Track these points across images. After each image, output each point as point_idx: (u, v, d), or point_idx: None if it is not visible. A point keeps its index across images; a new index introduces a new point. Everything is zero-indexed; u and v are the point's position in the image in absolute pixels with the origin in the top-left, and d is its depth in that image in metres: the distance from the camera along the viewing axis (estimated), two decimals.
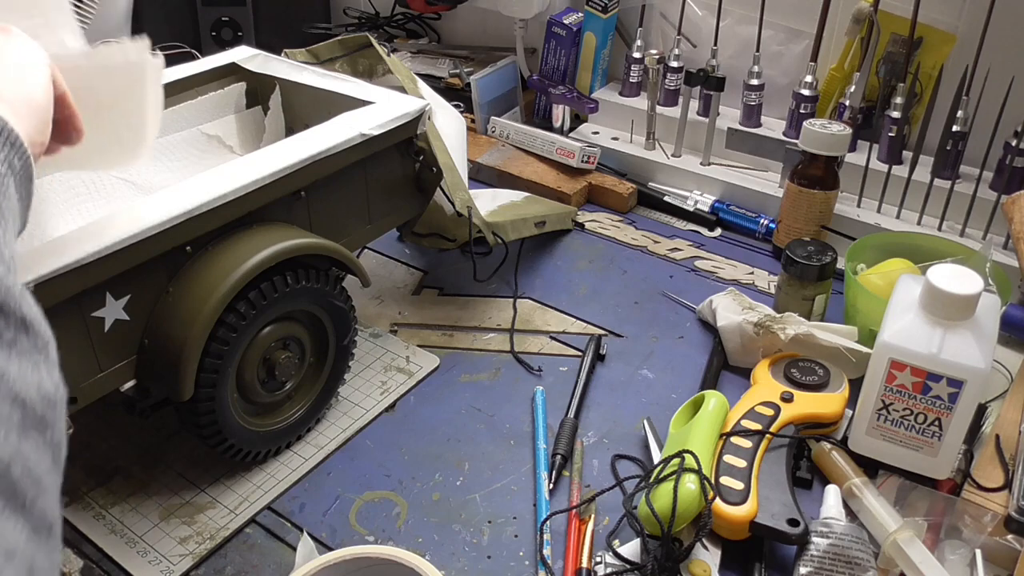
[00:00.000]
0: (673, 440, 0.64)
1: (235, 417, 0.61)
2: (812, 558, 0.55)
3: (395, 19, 1.32)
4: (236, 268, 0.57)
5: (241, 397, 0.62)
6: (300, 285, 0.61)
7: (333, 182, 0.67)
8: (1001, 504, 0.59)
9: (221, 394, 0.59)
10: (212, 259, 0.58)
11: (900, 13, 0.89)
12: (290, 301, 0.61)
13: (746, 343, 0.74)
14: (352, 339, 0.68)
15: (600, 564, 0.57)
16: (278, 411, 0.66)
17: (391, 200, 0.74)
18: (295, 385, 0.66)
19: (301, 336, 0.65)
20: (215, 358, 0.57)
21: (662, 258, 0.91)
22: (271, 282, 0.59)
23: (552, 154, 1.02)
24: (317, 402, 0.67)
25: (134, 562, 0.58)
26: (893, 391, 0.61)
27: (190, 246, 0.57)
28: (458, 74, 1.14)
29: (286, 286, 0.60)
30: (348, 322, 0.67)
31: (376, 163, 0.70)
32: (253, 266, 0.57)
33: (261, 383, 0.63)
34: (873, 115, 0.91)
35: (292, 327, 0.64)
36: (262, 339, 0.61)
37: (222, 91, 0.79)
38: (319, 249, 0.62)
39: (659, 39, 1.09)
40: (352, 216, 0.71)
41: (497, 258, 0.86)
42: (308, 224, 0.66)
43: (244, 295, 0.58)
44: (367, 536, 0.60)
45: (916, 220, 0.88)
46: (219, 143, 0.80)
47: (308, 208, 0.66)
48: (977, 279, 0.59)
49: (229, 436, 0.61)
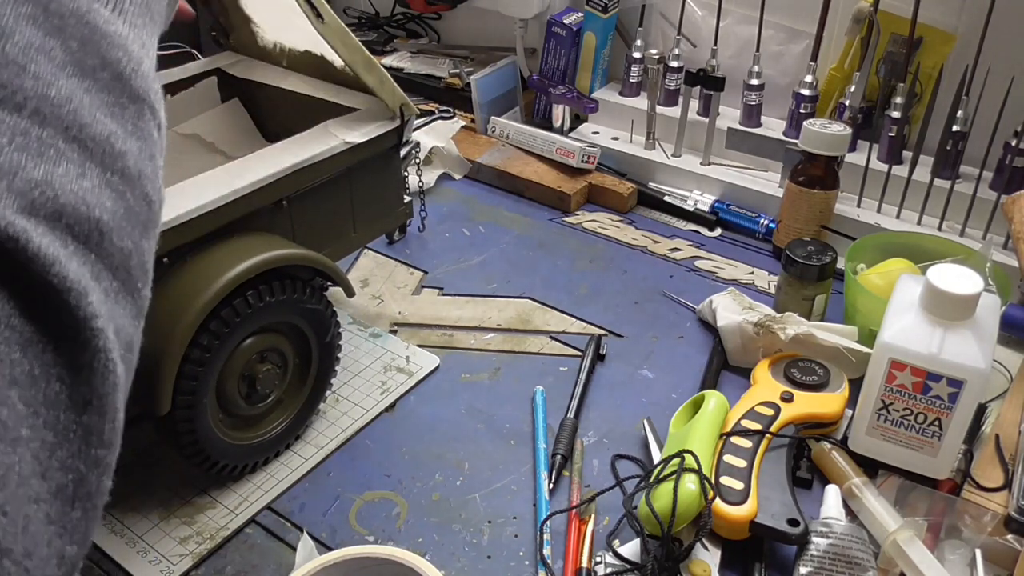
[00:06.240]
0: (673, 440, 0.64)
1: (215, 431, 0.60)
2: (812, 558, 0.55)
3: (395, 19, 1.32)
4: (213, 281, 0.55)
5: (222, 410, 0.61)
6: (281, 297, 0.60)
7: (316, 191, 0.66)
8: (1001, 504, 0.59)
9: (200, 408, 0.58)
10: (190, 271, 0.56)
11: (900, 13, 0.89)
12: (271, 313, 0.60)
13: (746, 343, 0.74)
14: (335, 352, 0.66)
15: (600, 564, 0.57)
16: (261, 423, 0.64)
17: (377, 208, 0.73)
18: (278, 397, 0.64)
19: (283, 347, 0.63)
20: (193, 373, 0.56)
21: (662, 258, 0.91)
22: (249, 295, 0.58)
23: (552, 154, 1.02)
24: (301, 414, 0.66)
25: (134, 562, 0.58)
26: (893, 391, 0.61)
27: (167, 257, 0.56)
28: (458, 74, 1.14)
29: (265, 298, 0.59)
30: (331, 334, 0.65)
31: (361, 171, 0.69)
32: (230, 279, 0.56)
33: (242, 396, 0.61)
34: (873, 115, 0.91)
35: (274, 339, 0.62)
36: (243, 351, 0.60)
37: (193, 88, 0.78)
38: (300, 260, 0.61)
39: (659, 39, 1.09)
40: (336, 225, 0.70)
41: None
42: (291, 233, 0.65)
43: (222, 308, 0.56)
44: (367, 536, 0.60)
45: (916, 220, 0.88)
46: (198, 141, 0.78)
47: (291, 217, 0.65)
48: (977, 279, 0.59)
49: (209, 450, 0.60)
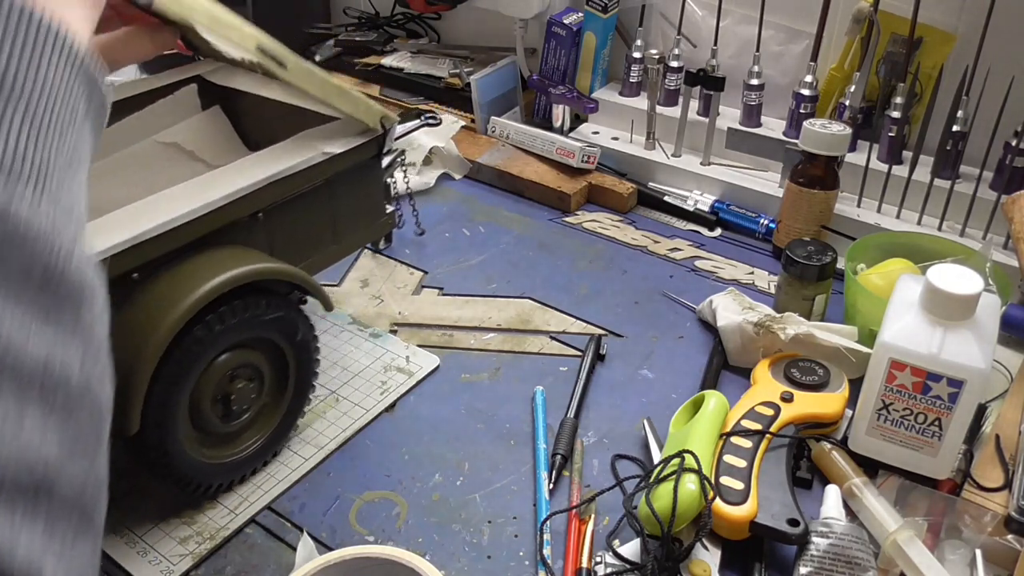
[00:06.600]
0: (673, 440, 0.64)
1: (187, 450, 0.58)
2: (812, 558, 0.55)
3: (395, 19, 1.32)
4: (183, 299, 0.53)
5: (195, 429, 0.59)
6: (256, 313, 0.58)
7: (294, 202, 0.64)
8: (1001, 504, 0.59)
9: (171, 428, 0.56)
10: (159, 287, 0.55)
11: (900, 13, 0.89)
12: (246, 329, 0.58)
13: (746, 343, 0.74)
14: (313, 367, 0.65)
15: (600, 564, 0.57)
16: (236, 441, 0.62)
17: (359, 219, 0.71)
18: (254, 414, 0.62)
19: (259, 363, 0.61)
20: (163, 391, 0.54)
21: (662, 258, 0.91)
22: (222, 311, 0.56)
23: (552, 154, 1.02)
24: (278, 432, 0.64)
25: (134, 562, 0.58)
26: (893, 391, 0.61)
27: (137, 273, 0.54)
28: (458, 74, 1.14)
29: (239, 314, 0.57)
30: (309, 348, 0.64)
31: (341, 181, 0.67)
32: (200, 297, 0.54)
33: (217, 414, 0.60)
34: (873, 115, 0.91)
35: (249, 354, 0.60)
36: (216, 368, 0.58)
37: (173, 96, 0.76)
38: (275, 274, 0.59)
39: (659, 39, 1.09)
40: (316, 236, 0.68)
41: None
42: (268, 246, 0.63)
43: (193, 326, 0.55)
44: (367, 536, 0.60)
45: (916, 220, 0.88)
46: (178, 149, 0.76)
47: (268, 229, 0.63)
48: (977, 279, 0.59)
49: (181, 469, 0.58)
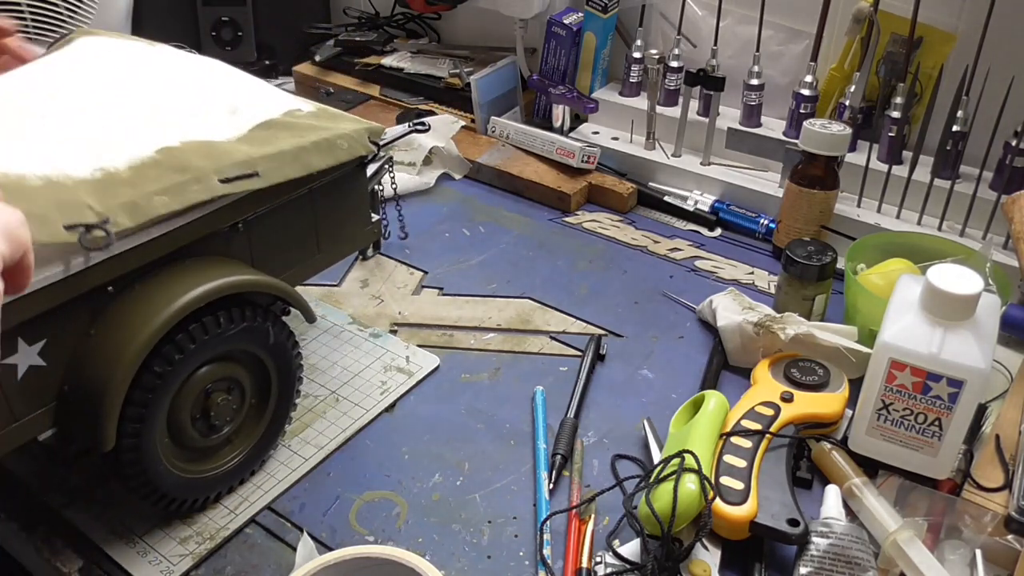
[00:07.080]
0: (673, 440, 0.64)
1: (165, 465, 0.57)
2: (812, 558, 0.55)
3: (395, 19, 1.32)
4: (160, 312, 0.52)
5: (173, 443, 0.58)
6: (236, 325, 0.57)
7: (276, 212, 0.62)
8: (1001, 504, 0.59)
9: (148, 442, 0.55)
10: (135, 300, 0.53)
11: (900, 13, 0.89)
12: (225, 342, 0.57)
13: (746, 343, 0.74)
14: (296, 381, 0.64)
15: (600, 564, 0.57)
16: (216, 456, 0.61)
17: (343, 228, 0.70)
18: (234, 428, 0.61)
19: (240, 376, 0.60)
20: (139, 405, 0.53)
21: (662, 258, 0.91)
22: (202, 323, 0.55)
23: (552, 154, 1.02)
24: (259, 445, 0.63)
25: (134, 562, 0.58)
26: (893, 391, 0.61)
27: (112, 286, 0.53)
28: (458, 74, 1.14)
29: (217, 327, 0.56)
30: (292, 363, 0.63)
31: (325, 190, 0.66)
32: (177, 310, 0.53)
33: (196, 428, 0.58)
34: (873, 115, 0.91)
35: (230, 367, 0.59)
36: (195, 382, 0.57)
37: None
38: (254, 286, 0.58)
39: (659, 39, 1.09)
40: (299, 246, 0.66)
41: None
42: (249, 256, 0.62)
43: (169, 339, 0.53)
44: (367, 536, 0.60)
45: (916, 220, 0.88)
46: None
47: (249, 239, 0.61)
48: (977, 279, 0.59)
49: (159, 485, 0.57)
